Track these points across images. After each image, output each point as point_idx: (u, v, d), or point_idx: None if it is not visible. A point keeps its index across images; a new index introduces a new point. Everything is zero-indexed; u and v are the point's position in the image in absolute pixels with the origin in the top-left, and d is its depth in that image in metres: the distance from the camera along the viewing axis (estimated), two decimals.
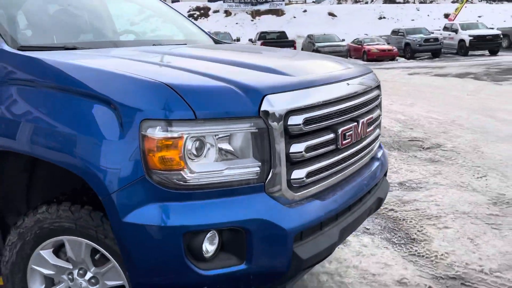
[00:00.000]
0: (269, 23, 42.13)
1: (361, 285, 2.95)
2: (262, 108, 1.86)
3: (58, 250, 2.26)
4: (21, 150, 2.08)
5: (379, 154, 2.78)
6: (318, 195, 2.11)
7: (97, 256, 2.17)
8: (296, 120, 1.94)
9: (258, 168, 1.89)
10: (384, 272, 3.09)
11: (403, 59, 26.17)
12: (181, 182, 1.79)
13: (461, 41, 25.90)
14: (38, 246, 2.19)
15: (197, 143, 1.80)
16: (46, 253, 2.21)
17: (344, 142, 2.20)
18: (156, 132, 1.77)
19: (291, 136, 1.95)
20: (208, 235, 1.85)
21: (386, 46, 26.66)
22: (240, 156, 1.87)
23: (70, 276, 2.23)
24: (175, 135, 1.77)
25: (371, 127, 2.54)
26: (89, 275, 2.20)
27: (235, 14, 45.29)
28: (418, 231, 3.70)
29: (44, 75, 2.11)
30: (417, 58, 25.99)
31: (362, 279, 3.02)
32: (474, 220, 3.87)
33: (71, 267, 2.22)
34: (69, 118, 1.92)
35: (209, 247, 1.87)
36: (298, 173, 1.99)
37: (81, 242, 2.12)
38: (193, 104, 1.79)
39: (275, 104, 1.89)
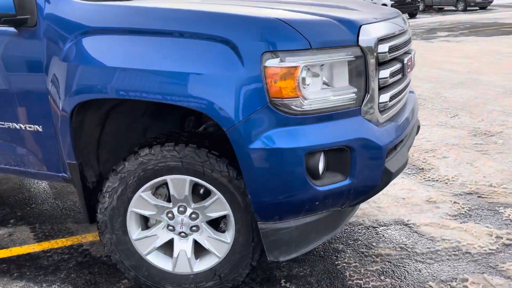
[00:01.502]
0: None
1: (397, 207, 3.33)
2: (360, 37, 2.10)
3: (155, 192, 2.39)
4: (149, 98, 2.12)
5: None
6: (393, 118, 2.40)
7: (201, 191, 2.32)
8: (383, 48, 2.19)
9: (355, 94, 2.13)
10: (412, 196, 3.50)
11: None
12: (298, 108, 1.99)
13: (384, 5, 27.18)
14: (139, 188, 2.29)
15: (309, 71, 2.00)
16: (147, 195, 2.32)
17: (407, 70, 2.50)
18: (276, 63, 1.95)
19: (379, 63, 2.20)
20: (321, 154, 2.08)
21: None
22: (340, 84, 2.10)
23: (170, 215, 2.36)
24: (293, 64, 1.95)
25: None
26: (189, 211, 2.35)
27: None
28: (423, 162, 4.15)
29: (164, 23, 2.15)
30: None
31: (395, 203, 3.40)
32: (465, 149, 4.40)
33: (171, 205, 2.35)
34: (193, 60, 2.03)
35: (321, 166, 2.10)
36: (384, 97, 2.26)
37: (185, 180, 2.26)
38: (307, 35, 1.98)
39: (369, 33, 2.13)
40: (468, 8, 27.56)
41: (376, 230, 3.04)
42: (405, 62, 2.45)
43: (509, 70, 8.17)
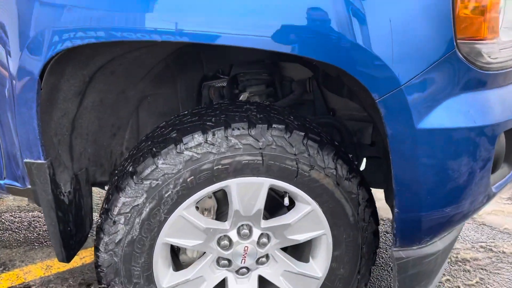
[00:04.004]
0: None
1: None
2: None
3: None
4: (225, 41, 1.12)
5: None
6: None
7: (286, 201, 1.40)
8: None
9: None
10: None
11: None
12: (493, 60, 1.18)
13: None
14: (181, 203, 1.30)
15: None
16: (191, 213, 1.34)
17: None
18: None
19: None
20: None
21: None
22: None
23: (224, 242, 1.41)
24: None
25: None
26: (256, 233, 1.42)
27: None
28: None
29: None
30: None
31: None
32: None
33: (227, 226, 1.40)
34: None
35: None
36: None
37: (260, 185, 1.33)
38: None
39: None
40: None
41: None
42: None
43: None
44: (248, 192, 1.34)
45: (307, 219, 1.40)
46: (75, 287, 1.95)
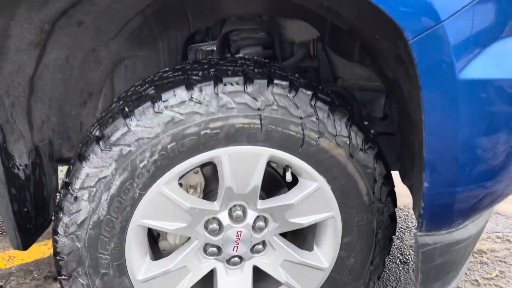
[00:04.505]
0: None
1: None
2: None
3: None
4: None
5: None
6: None
7: (288, 176, 1.16)
8: None
9: None
10: None
11: None
12: None
13: None
14: (160, 177, 1.05)
15: None
16: (173, 189, 1.09)
17: None
18: None
19: None
20: None
21: None
22: None
23: (212, 226, 1.17)
24: None
25: None
26: (251, 215, 1.18)
27: None
28: None
29: None
30: None
31: None
32: None
33: (217, 207, 1.15)
34: None
35: None
36: None
37: (258, 155, 1.09)
38: None
39: None
40: None
41: None
42: None
43: None
44: (242, 164, 1.09)
45: (312, 198, 1.17)
46: (40, 280, 1.69)
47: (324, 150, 1.10)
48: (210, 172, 1.26)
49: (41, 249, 1.91)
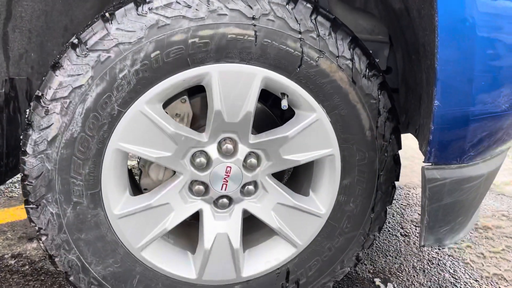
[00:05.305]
0: None
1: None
2: None
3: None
4: None
5: None
6: None
7: (284, 103, 1.06)
8: None
9: None
10: None
11: None
12: None
13: None
14: (143, 93, 0.95)
15: None
16: (156, 110, 0.99)
17: None
18: None
19: None
20: None
21: None
22: None
23: (199, 160, 1.06)
24: None
25: None
26: (243, 150, 1.07)
27: None
28: None
29: None
30: None
31: None
32: None
33: (205, 138, 1.05)
34: None
35: None
36: None
37: (252, 76, 0.99)
38: None
39: None
40: None
41: None
42: None
43: None
44: (234, 85, 0.99)
45: (310, 132, 1.06)
46: (14, 240, 1.57)
47: (324, 73, 1.00)
48: (199, 105, 1.16)
49: (17, 212, 1.79)
